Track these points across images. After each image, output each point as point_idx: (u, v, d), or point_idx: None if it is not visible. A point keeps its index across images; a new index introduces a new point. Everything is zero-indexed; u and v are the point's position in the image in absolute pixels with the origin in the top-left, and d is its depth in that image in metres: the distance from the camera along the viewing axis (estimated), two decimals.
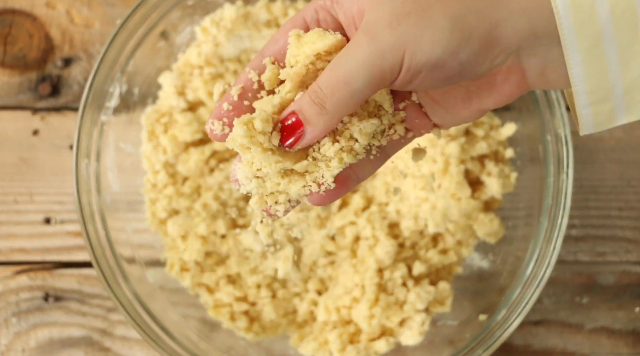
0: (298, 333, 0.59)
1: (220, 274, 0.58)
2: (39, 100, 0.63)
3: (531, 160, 0.57)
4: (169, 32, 0.59)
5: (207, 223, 0.58)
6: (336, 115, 0.34)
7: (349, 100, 0.33)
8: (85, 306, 0.61)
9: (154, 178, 0.59)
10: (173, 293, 0.59)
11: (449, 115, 0.37)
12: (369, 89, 0.33)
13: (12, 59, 0.64)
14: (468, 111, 0.37)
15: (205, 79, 0.59)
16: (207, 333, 0.58)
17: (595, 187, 0.63)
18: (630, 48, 0.32)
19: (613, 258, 0.62)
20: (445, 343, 0.57)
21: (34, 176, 0.62)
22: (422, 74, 0.33)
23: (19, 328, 0.61)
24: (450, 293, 0.58)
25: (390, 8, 0.33)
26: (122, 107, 0.58)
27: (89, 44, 0.64)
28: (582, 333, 0.61)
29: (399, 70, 0.33)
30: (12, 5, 0.64)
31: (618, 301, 0.61)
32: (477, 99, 0.36)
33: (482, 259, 0.60)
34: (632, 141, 0.63)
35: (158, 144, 0.59)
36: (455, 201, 0.57)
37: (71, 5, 0.64)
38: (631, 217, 0.62)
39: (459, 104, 0.37)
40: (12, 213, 0.62)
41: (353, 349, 0.56)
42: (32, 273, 0.61)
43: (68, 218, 0.62)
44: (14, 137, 0.63)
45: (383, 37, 0.33)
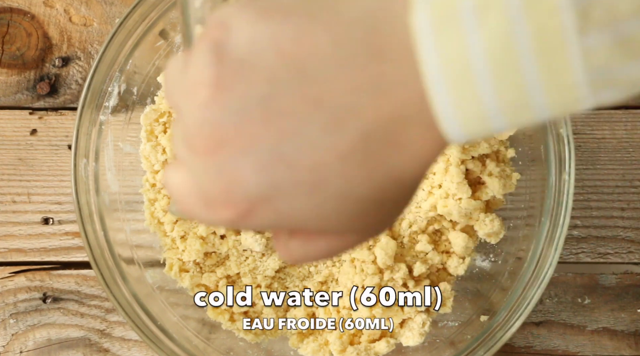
0: (298, 334, 0.59)
1: (219, 275, 0.58)
2: (36, 99, 0.63)
3: (533, 160, 0.57)
4: (168, 31, 0.59)
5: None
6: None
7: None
8: (83, 307, 0.61)
9: (153, 178, 0.59)
10: (172, 293, 0.58)
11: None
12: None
13: (9, 58, 0.63)
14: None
15: None
16: (207, 334, 0.58)
17: (597, 187, 0.62)
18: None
19: (615, 259, 0.62)
20: (446, 344, 0.57)
21: (32, 176, 0.62)
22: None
23: (17, 329, 0.60)
24: (451, 294, 0.58)
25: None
26: (121, 107, 0.58)
27: (88, 43, 0.63)
28: (584, 334, 0.61)
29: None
30: (9, 3, 0.64)
31: (620, 303, 0.61)
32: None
33: (483, 260, 0.59)
34: (635, 141, 0.63)
35: (157, 144, 0.59)
36: (455, 201, 0.57)
37: (69, 4, 0.64)
38: (633, 217, 0.62)
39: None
40: (9, 213, 0.62)
41: (353, 350, 0.56)
42: (30, 274, 0.61)
43: (66, 219, 0.62)
44: (12, 137, 0.63)
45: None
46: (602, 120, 0.63)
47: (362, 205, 0.28)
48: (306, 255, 0.31)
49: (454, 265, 0.58)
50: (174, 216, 0.57)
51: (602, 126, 0.63)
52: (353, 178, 0.27)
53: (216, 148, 0.27)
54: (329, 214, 0.28)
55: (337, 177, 0.26)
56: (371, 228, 0.30)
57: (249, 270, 0.58)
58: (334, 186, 0.27)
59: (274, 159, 0.26)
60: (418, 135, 0.26)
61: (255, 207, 0.27)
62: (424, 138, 0.26)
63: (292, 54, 0.26)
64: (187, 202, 0.30)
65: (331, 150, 0.26)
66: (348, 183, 0.27)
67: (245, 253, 0.59)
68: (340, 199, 0.27)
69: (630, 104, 0.63)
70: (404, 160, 0.26)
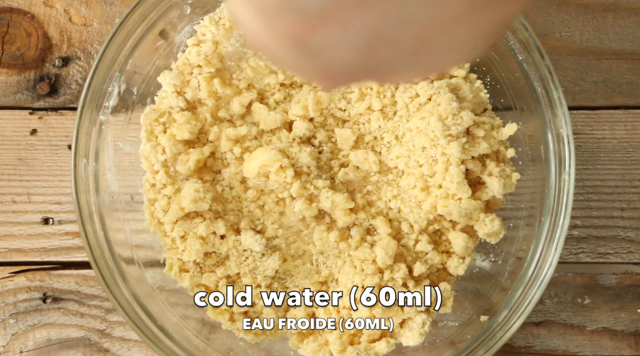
0: (298, 334, 0.59)
1: (219, 275, 0.58)
2: (37, 99, 0.63)
3: (533, 160, 0.57)
4: (168, 31, 0.59)
5: (206, 224, 0.57)
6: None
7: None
8: (83, 307, 0.61)
9: (153, 178, 0.59)
10: (172, 293, 0.58)
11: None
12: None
13: (10, 58, 0.63)
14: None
15: (205, 78, 0.59)
16: (207, 334, 0.58)
17: (597, 187, 0.62)
18: None
19: (615, 259, 0.62)
20: (446, 344, 0.57)
21: (32, 176, 0.62)
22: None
23: (17, 329, 0.60)
24: (451, 294, 0.58)
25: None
26: (121, 107, 0.58)
27: (88, 43, 0.63)
28: (584, 334, 0.61)
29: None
30: (9, 3, 0.64)
31: (620, 303, 0.61)
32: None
33: (484, 260, 0.59)
34: (635, 141, 0.63)
35: (157, 144, 0.59)
36: (455, 201, 0.57)
37: (69, 4, 0.64)
38: (633, 217, 0.62)
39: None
40: (10, 213, 0.62)
41: (353, 350, 0.56)
42: (30, 274, 0.61)
43: (66, 219, 0.62)
44: (12, 137, 0.63)
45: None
46: (602, 120, 0.63)
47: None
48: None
49: (454, 265, 0.58)
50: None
51: (602, 126, 0.63)
52: (461, 39, 0.26)
53: (310, 32, 0.25)
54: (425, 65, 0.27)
55: (442, 40, 0.26)
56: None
57: (249, 270, 0.58)
58: (439, 47, 0.26)
59: (373, 42, 0.25)
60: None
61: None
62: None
63: None
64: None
65: (436, 20, 0.25)
66: (455, 42, 0.26)
67: (245, 253, 0.59)
68: (445, 56, 0.27)
69: (630, 104, 0.63)
70: (510, 7, 0.25)
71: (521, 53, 0.56)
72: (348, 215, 0.58)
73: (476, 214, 0.57)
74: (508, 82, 0.58)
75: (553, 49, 0.64)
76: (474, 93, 0.58)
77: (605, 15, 0.65)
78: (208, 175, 0.59)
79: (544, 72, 0.56)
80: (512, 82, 0.58)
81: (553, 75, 0.55)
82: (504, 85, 0.59)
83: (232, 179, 0.59)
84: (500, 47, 0.57)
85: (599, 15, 0.65)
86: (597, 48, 0.64)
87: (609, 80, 0.64)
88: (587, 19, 0.65)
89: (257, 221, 0.59)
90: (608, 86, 0.64)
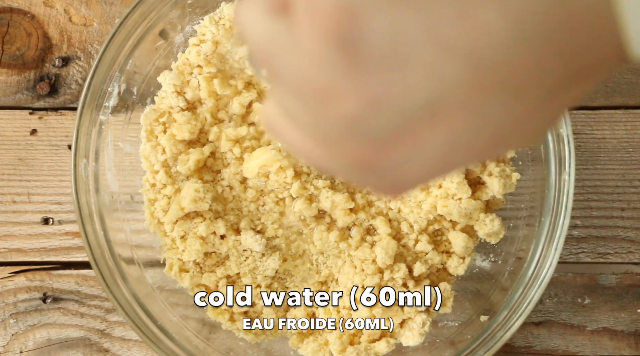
0: (298, 334, 0.59)
1: (219, 275, 0.58)
2: (37, 99, 0.63)
3: (533, 160, 0.57)
4: (168, 31, 0.59)
5: (206, 224, 0.57)
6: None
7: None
8: (83, 307, 0.61)
9: (153, 178, 0.59)
10: (172, 293, 0.58)
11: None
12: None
13: (9, 58, 0.63)
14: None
15: (205, 78, 0.59)
16: (207, 334, 0.58)
17: (597, 187, 0.62)
18: None
19: (615, 259, 0.62)
20: (446, 344, 0.57)
21: (32, 176, 0.62)
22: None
23: (17, 329, 0.60)
24: (451, 294, 0.58)
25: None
26: (121, 107, 0.58)
27: (88, 43, 0.63)
28: (584, 334, 0.61)
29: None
30: (9, 3, 0.64)
31: (620, 303, 0.61)
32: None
33: (483, 260, 0.59)
34: (635, 141, 0.63)
35: (157, 144, 0.59)
36: (455, 201, 0.57)
37: (69, 4, 0.64)
38: (633, 217, 0.62)
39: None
40: (9, 213, 0.62)
41: (353, 350, 0.56)
42: (30, 274, 0.61)
43: (66, 219, 0.62)
44: (12, 137, 0.63)
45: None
46: (602, 120, 0.63)
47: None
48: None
49: (454, 265, 0.58)
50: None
51: (602, 126, 0.63)
52: (533, 127, 0.24)
53: (377, 155, 0.23)
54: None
55: (517, 134, 0.23)
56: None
57: (249, 270, 0.58)
58: (513, 141, 0.24)
59: (447, 152, 0.23)
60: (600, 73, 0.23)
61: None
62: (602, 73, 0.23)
63: (454, 39, 0.20)
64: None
65: (513, 116, 0.22)
66: (528, 132, 0.24)
67: (245, 253, 0.59)
68: (514, 146, 0.25)
69: (630, 104, 0.63)
70: (587, 85, 0.23)
71: None
72: (348, 215, 0.58)
73: (476, 214, 0.57)
74: None
75: None
76: None
77: None
78: (208, 175, 0.59)
79: None
80: None
81: None
82: None
83: (232, 179, 0.59)
84: None
85: None
86: None
87: (609, 80, 0.64)
88: None
89: (257, 221, 0.59)
90: (608, 86, 0.64)
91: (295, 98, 0.24)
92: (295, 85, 0.23)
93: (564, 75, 0.22)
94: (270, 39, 0.23)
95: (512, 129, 0.23)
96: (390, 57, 0.21)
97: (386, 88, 0.21)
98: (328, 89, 0.22)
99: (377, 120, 0.22)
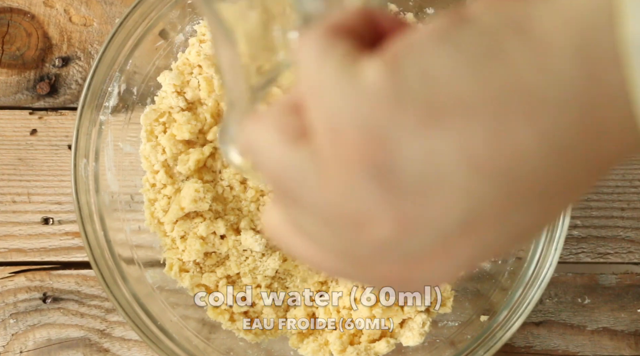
0: (298, 334, 0.59)
1: (219, 275, 0.58)
2: (37, 99, 0.63)
3: None
4: (168, 31, 0.59)
5: (206, 224, 0.57)
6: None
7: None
8: (83, 307, 0.61)
9: (153, 178, 0.59)
10: (172, 294, 0.58)
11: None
12: None
13: (9, 58, 0.63)
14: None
15: (205, 78, 0.59)
16: (207, 334, 0.58)
17: (597, 187, 0.62)
18: None
19: (615, 259, 0.62)
20: (446, 344, 0.57)
21: (32, 176, 0.62)
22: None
23: (17, 329, 0.60)
24: (451, 294, 0.58)
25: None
26: (121, 107, 0.58)
27: (88, 43, 0.63)
28: (584, 334, 0.61)
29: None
30: (9, 3, 0.64)
31: (620, 303, 0.61)
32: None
33: None
34: None
35: (157, 144, 0.59)
36: None
37: (69, 4, 0.64)
38: (634, 217, 0.62)
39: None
40: (9, 213, 0.62)
41: (353, 350, 0.56)
42: (30, 274, 0.61)
43: (66, 219, 0.62)
44: (12, 137, 0.62)
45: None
46: None
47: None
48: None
49: None
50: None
51: None
52: (550, 221, 0.25)
53: (411, 272, 0.23)
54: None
55: (537, 230, 0.24)
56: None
57: (249, 270, 0.58)
58: (534, 235, 0.25)
59: (476, 257, 0.23)
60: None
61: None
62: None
63: (488, 160, 0.20)
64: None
65: (537, 215, 0.23)
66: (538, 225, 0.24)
67: (245, 253, 0.59)
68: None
69: None
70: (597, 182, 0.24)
71: None
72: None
73: None
74: None
75: None
76: None
77: None
78: (208, 175, 0.59)
79: None
80: None
81: None
82: None
83: (232, 179, 0.59)
84: None
85: None
86: None
87: None
88: None
89: (257, 221, 0.59)
90: None
91: (317, 222, 0.23)
92: (319, 211, 0.23)
93: (587, 174, 0.22)
94: (290, 168, 0.23)
95: (536, 227, 0.23)
96: (424, 182, 0.21)
97: (421, 211, 0.21)
98: (359, 216, 0.22)
99: (411, 242, 0.22)
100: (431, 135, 0.20)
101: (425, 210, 0.21)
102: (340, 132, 0.21)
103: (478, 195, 0.21)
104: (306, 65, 0.22)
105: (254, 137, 0.23)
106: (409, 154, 0.20)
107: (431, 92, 0.20)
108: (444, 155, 0.20)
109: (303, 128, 0.22)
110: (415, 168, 0.20)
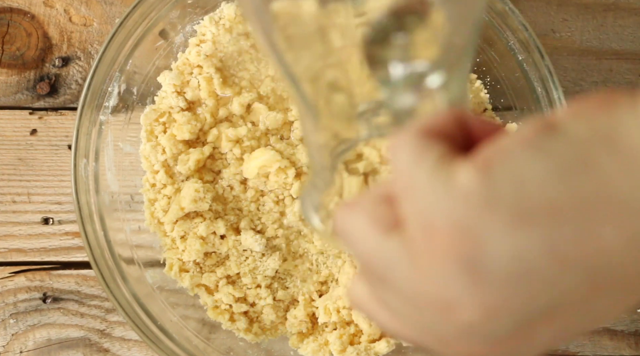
0: (298, 334, 0.59)
1: (219, 275, 0.58)
2: (36, 99, 0.63)
3: None
4: (168, 31, 0.59)
5: (206, 224, 0.57)
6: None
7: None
8: (83, 307, 0.61)
9: (153, 178, 0.59)
10: (172, 294, 0.58)
11: None
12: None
13: (9, 58, 0.63)
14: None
15: (205, 78, 0.59)
16: (207, 334, 0.58)
17: None
18: None
19: None
20: None
21: (32, 176, 0.62)
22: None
23: (17, 329, 0.60)
24: None
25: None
26: (121, 107, 0.58)
27: (88, 43, 0.63)
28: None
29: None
30: (9, 3, 0.64)
31: None
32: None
33: None
34: None
35: (157, 144, 0.59)
36: None
37: (69, 4, 0.64)
38: None
39: None
40: (9, 213, 0.62)
41: (353, 350, 0.56)
42: (30, 274, 0.61)
43: (66, 219, 0.62)
44: (12, 137, 0.62)
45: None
46: None
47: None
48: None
49: None
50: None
51: None
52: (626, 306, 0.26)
53: (491, 353, 0.24)
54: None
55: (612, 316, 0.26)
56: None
57: (249, 270, 0.58)
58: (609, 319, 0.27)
59: (555, 341, 0.25)
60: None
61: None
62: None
63: (574, 257, 0.22)
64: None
65: (614, 302, 0.24)
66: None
67: (245, 253, 0.59)
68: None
69: None
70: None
71: (521, 53, 0.56)
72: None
73: None
74: (508, 82, 0.58)
75: (553, 49, 0.64)
76: (474, 94, 0.58)
77: (605, 15, 0.65)
78: (208, 175, 0.59)
79: (544, 72, 0.56)
80: (512, 82, 0.58)
81: (553, 75, 0.55)
82: (504, 85, 0.59)
83: (232, 179, 0.59)
84: (500, 47, 0.57)
85: (599, 15, 0.65)
86: (597, 48, 0.64)
87: (609, 80, 0.64)
88: (587, 19, 0.65)
89: (257, 221, 0.59)
90: (608, 86, 0.63)
91: (404, 302, 0.25)
92: (408, 294, 0.25)
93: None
94: (382, 255, 0.25)
95: (617, 310, 0.25)
96: (511, 274, 0.22)
97: (507, 299, 0.23)
98: (447, 302, 0.23)
99: (494, 326, 0.23)
100: (520, 234, 0.22)
101: (510, 298, 0.23)
102: (434, 227, 0.23)
103: (563, 286, 0.22)
104: (402, 165, 0.24)
105: (349, 222, 0.25)
106: (498, 249, 0.22)
107: (521, 196, 0.22)
108: (533, 252, 0.22)
109: (395, 219, 0.24)
110: (503, 261, 0.22)
